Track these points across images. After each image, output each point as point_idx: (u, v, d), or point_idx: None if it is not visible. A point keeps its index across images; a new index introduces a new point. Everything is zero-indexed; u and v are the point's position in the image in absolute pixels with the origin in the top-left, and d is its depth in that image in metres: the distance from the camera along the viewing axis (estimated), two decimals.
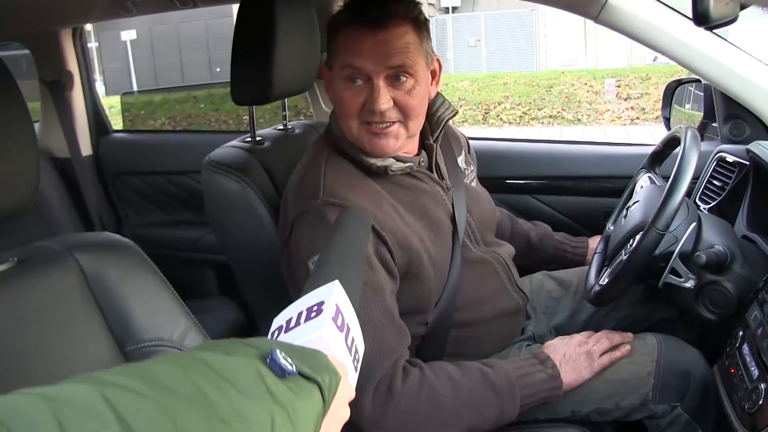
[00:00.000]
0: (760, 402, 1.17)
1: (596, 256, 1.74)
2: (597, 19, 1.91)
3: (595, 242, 1.94)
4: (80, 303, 1.07)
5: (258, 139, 1.83)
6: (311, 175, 1.45)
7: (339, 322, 0.79)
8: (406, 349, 1.40)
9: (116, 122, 3.00)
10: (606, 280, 1.53)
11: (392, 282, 1.40)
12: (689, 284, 1.42)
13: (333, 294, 0.80)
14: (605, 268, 1.65)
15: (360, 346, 0.84)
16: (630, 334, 1.53)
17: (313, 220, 1.37)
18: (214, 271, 2.72)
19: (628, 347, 1.49)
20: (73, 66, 2.69)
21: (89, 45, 2.85)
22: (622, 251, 1.57)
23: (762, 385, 1.18)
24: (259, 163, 1.72)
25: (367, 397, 1.31)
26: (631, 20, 1.89)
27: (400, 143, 1.45)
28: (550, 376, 1.42)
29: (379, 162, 1.45)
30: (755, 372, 1.22)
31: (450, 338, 1.55)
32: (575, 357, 1.45)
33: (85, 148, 2.75)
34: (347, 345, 0.79)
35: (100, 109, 2.85)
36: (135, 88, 16.25)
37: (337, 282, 0.82)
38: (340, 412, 0.74)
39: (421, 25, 1.43)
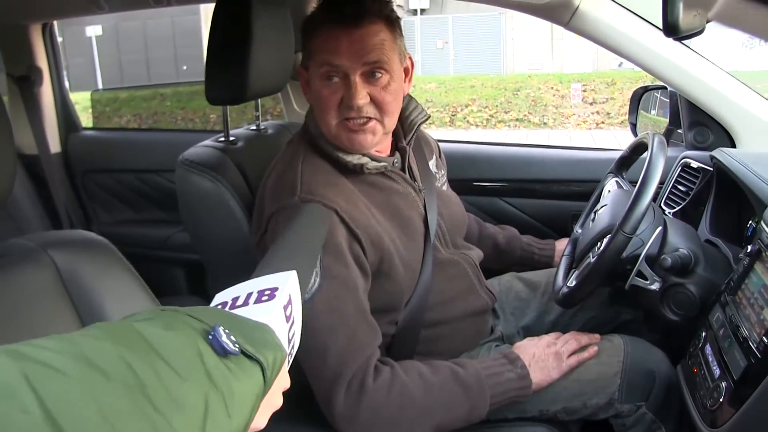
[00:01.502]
0: (721, 400, 1.20)
1: (564, 258, 1.77)
2: (567, 25, 1.95)
3: (562, 245, 1.97)
4: (55, 301, 1.06)
5: (231, 139, 1.84)
6: (288, 172, 1.46)
7: (288, 312, 0.77)
8: (378, 348, 1.41)
9: (82, 119, 2.97)
10: (574, 282, 1.56)
11: (365, 280, 1.42)
12: (654, 286, 1.45)
13: (289, 283, 0.78)
14: (573, 270, 1.67)
15: (296, 343, 0.81)
16: (597, 336, 1.56)
17: (290, 216, 1.39)
18: (184, 270, 2.71)
19: (595, 348, 1.51)
20: (42, 62, 2.66)
21: None
22: (590, 254, 1.60)
23: (723, 384, 1.21)
24: (233, 162, 1.73)
25: (339, 393, 1.33)
26: (600, 27, 1.93)
27: (377, 139, 1.47)
28: (519, 375, 1.44)
29: (355, 160, 1.47)
30: (717, 371, 1.25)
31: (420, 337, 1.57)
32: (544, 357, 1.48)
33: (54, 145, 2.73)
34: (288, 337, 0.77)
35: (69, 105, 2.83)
36: (100, 85, 16.04)
37: (294, 273, 0.80)
38: (273, 398, 0.73)
39: (393, 22, 1.46)
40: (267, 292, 0.77)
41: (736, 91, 1.96)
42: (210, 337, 0.61)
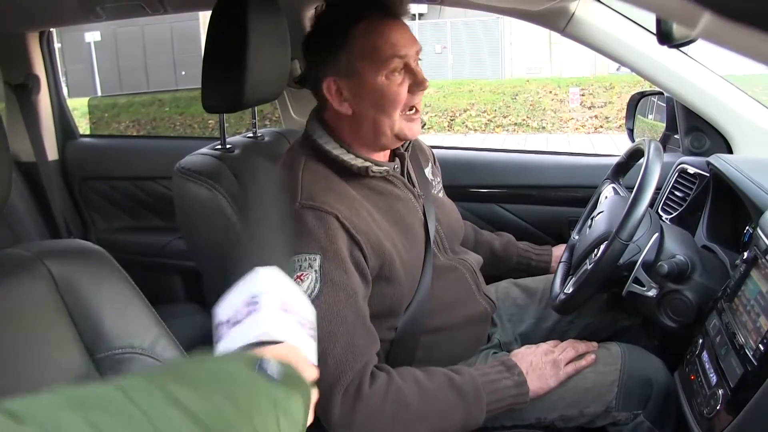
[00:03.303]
0: (718, 407, 1.20)
1: (561, 264, 1.77)
2: (564, 31, 1.95)
3: (559, 251, 1.97)
4: (51, 310, 1.06)
5: (228, 146, 1.83)
6: (289, 178, 1.46)
7: (283, 308, 0.79)
8: (375, 354, 1.41)
9: (80, 125, 2.97)
10: (571, 289, 1.56)
11: (365, 286, 1.42)
12: (651, 293, 1.45)
13: (264, 284, 0.80)
14: (570, 276, 1.67)
15: (311, 314, 0.84)
16: (595, 344, 1.56)
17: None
18: (181, 278, 2.71)
19: (593, 356, 1.51)
20: (39, 69, 2.67)
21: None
22: (587, 260, 1.59)
23: (720, 391, 1.21)
24: (229, 170, 1.72)
25: (336, 398, 1.33)
26: (596, 34, 1.94)
27: None
28: (516, 383, 1.44)
29: (359, 163, 1.47)
30: (714, 378, 1.25)
31: (419, 344, 1.56)
32: (541, 365, 1.48)
33: (51, 153, 2.72)
34: (300, 323, 0.80)
35: (67, 113, 2.82)
36: (99, 91, 16.04)
37: (262, 270, 0.82)
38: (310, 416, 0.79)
39: None
40: (250, 302, 0.79)
41: (732, 96, 1.97)
42: (257, 366, 0.71)
